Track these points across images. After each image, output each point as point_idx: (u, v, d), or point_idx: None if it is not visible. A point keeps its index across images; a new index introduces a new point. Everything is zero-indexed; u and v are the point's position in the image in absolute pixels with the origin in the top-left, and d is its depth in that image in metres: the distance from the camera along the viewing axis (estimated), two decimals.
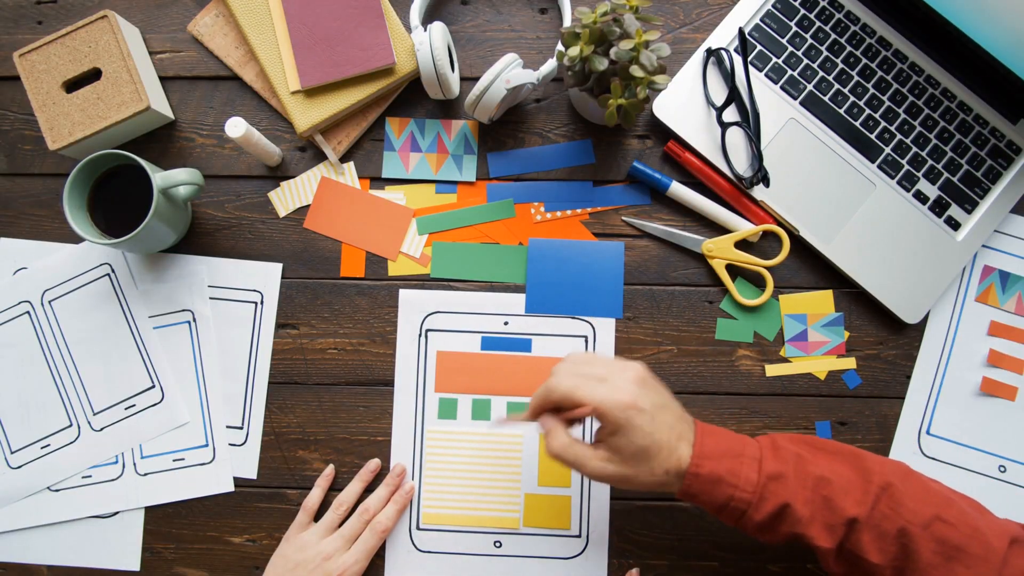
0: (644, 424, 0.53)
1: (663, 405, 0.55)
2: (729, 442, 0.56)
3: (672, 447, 0.54)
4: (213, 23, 0.75)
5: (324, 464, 0.72)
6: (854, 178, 0.72)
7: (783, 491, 0.54)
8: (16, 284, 0.74)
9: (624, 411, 0.53)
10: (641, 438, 0.53)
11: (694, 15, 0.76)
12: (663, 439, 0.54)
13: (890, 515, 0.53)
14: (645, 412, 0.53)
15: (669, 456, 0.54)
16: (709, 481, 0.54)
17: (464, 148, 0.75)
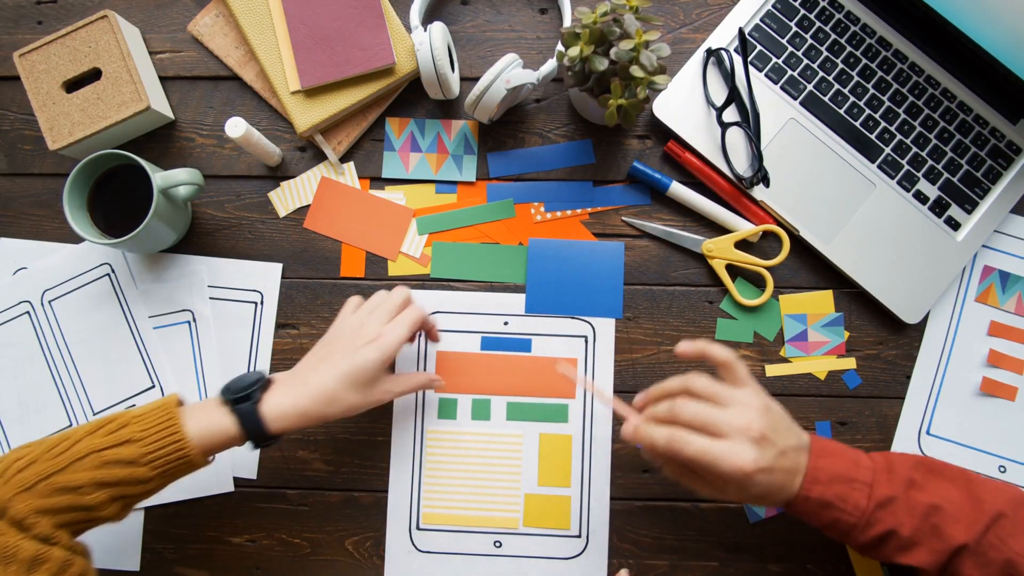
0: (761, 482, 0.53)
1: (782, 451, 0.54)
2: (843, 465, 0.55)
3: (786, 482, 0.54)
4: (213, 23, 0.75)
5: (324, 464, 0.72)
6: (854, 178, 0.72)
7: (890, 518, 0.54)
8: (16, 284, 0.74)
9: (744, 479, 0.52)
10: (758, 492, 0.54)
11: (694, 15, 0.76)
12: (777, 484, 0.54)
13: (998, 545, 0.53)
14: (763, 471, 0.53)
15: (782, 489, 0.54)
16: (817, 504, 0.54)
17: (464, 148, 0.75)
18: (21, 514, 0.51)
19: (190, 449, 0.55)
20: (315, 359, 0.61)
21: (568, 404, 0.72)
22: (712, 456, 0.52)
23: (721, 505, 0.71)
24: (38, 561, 0.50)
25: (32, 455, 0.53)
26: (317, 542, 0.71)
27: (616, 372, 0.72)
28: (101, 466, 0.53)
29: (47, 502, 0.52)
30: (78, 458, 0.53)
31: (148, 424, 0.55)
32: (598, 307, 0.73)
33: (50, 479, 0.52)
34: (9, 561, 0.49)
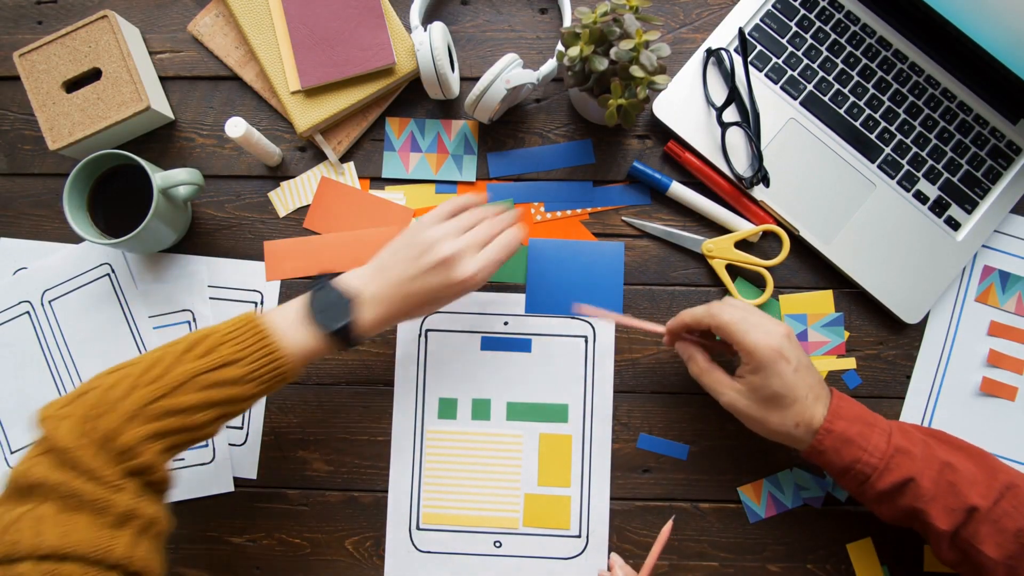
0: (785, 372, 0.58)
1: (807, 365, 0.60)
2: (862, 411, 0.59)
3: (806, 403, 0.58)
4: (213, 23, 0.75)
5: (324, 464, 0.72)
6: (854, 178, 0.72)
7: (910, 465, 0.56)
8: (16, 284, 0.74)
9: (771, 354, 0.58)
10: (779, 384, 0.58)
11: (694, 15, 0.76)
12: (799, 392, 0.58)
13: (1012, 513, 0.55)
14: (789, 362, 0.58)
15: (803, 411, 0.58)
16: (840, 439, 0.57)
17: (464, 148, 0.75)
18: (132, 440, 0.51)
19: (289, 367, 0.58)
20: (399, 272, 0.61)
21: (568, 404, 0.72)
22: (746, 325, 0.59)
23: (721, 505, 0.71)
24: (129, 516, 0.50)
25: (130, 380, 0.53)
26: (317, 542, 0.71)
27: (616, 372, 0.72)
28: (206, 388, 0.54)
29: (157, 426, 0.52)
30: (182, 382, 0.54)
31: (243, 345, 0.56)
32: (598, 307, 0.72)
33: (157, 403, 0.52)
34: (102, 512, 0.49)
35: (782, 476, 0.71)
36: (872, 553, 0.70)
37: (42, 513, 0.48)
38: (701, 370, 0.63)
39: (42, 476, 0.49)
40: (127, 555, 0.49)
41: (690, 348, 0.65)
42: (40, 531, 0.47)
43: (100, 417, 0.51)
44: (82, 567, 0.47)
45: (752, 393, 0.59)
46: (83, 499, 0.48)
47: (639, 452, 0.71)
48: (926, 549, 0.70)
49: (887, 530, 0.70)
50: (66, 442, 0.49)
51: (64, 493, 0.48)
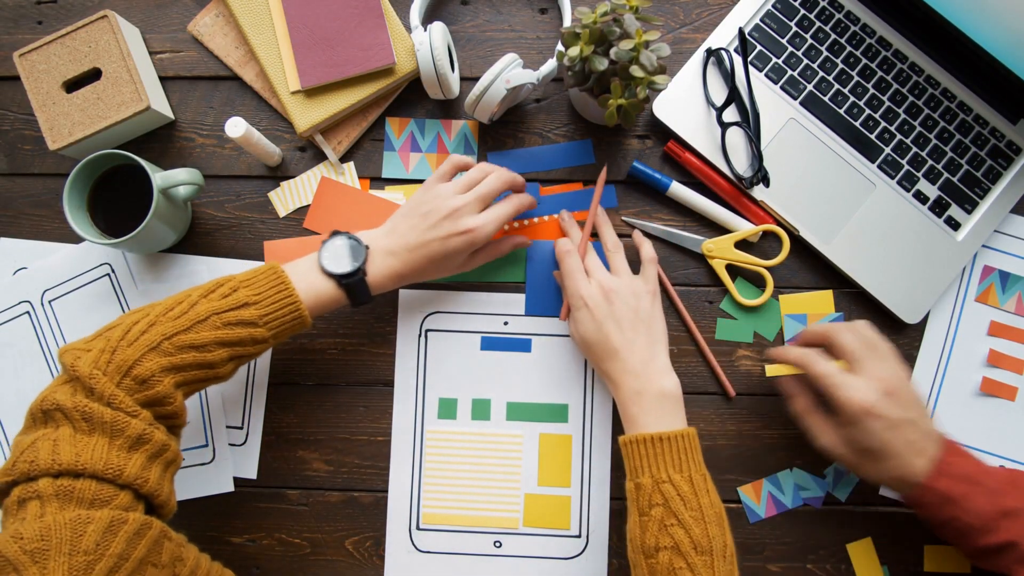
0: (876, 430, 0.57)
1: (908, 421, 0.58)
2: (973, 467, 0.58)
3: (904, 459, 0.57)
4: (213, 23, 0.75)
5: (324, 464, 0.72)
6: (854, 178, 0.72)
7: (1015, 529, 0.55)
8: (16, 284, 0.74)
9: (860, 413, 0.57)
10: (870, 441, 0.58)
11: (694, 15, 0.76)
12: (895, 449, 0.57)
13: None
14: (882, 420, 0.57)
15: (899, 466, 0.57)
16: (941, 497, 0.56)
17: (464, 148, 0.75)
18: (148, 372, 0.53)
19: (304, 311, 0.60)
20: (407, 228, 0.65)
21: (568, 404, 0.72)
22: (835, 380, 0.59)
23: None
24: (142, 440, 0.52)
25: (150, 318, 0.55)
26: (317, 542, 0.71)
27: None
28: (223, 327, 0.57)
29: (173, 359, 0.54)
30: (200, 320, 0.56)
31: (261, 288, 0.59)
32: None
33: (174, 338, 0.55)
34: (116, 435, 0.51)
35: (782, 476, 0.71)
36: (872, 553, 0.70)
37: (59, 435, 0.50)
38: (800, 412, 0.64)
39: (59, 401, 0.51)
40: (138, 476, 0.51)
41: (793, 387, 0.66)
42: (56, 451, 0.49)
43: (118, 349, 0.53)
44: (96, 484, 0.49)
45: (846, 444, 0.60)
46: (98, 422, 0.50)
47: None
48: (926, 549, 0.70)
49: (887, 530, 0.70)
50: (84, 371, 0.52)
51: (80, 417, 0.50)
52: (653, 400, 0.61)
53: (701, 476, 0.59)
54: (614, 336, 0.63)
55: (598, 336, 0.64)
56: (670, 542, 0.55)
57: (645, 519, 0.57)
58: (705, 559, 0.55)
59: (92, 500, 0.48)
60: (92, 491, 0.48)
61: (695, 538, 0.55)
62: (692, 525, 0.56)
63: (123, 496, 0.50)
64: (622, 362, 0.63)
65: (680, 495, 0.57)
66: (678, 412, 0.62)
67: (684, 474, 0.58)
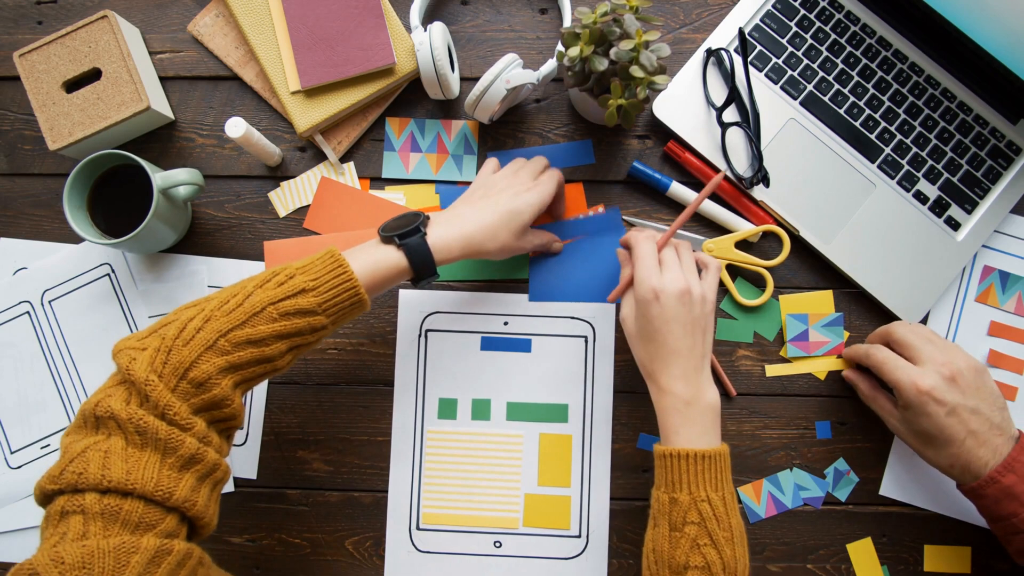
0: (935, 414, 0.58)
1: (971, 409, 0.58)
2: None
3: (964, 447, 0.58)
4: (213, 23, 0.75)
5: (324, 464, 0.72)
6: (854, 178, 0.72)
7: None
8: (16, 284, 0.74)
9: (917, 395, 0.58)
10: (928, 425, 0.59)
11: (694, 15, 0.76)
12: (955, 435, 0.58)
13: None
14: (942, 406, 0.58)
15: (958, 454, 0.58)
16: (1004, 492, 0.57)
17: (464, 148, 0.75)
18: (205, 375, 0.51)
19: (362, 292, 0.57)
20: (472, 200, 0.65)
21: (568, 404, 0.72)
22: (891, 364, 0.61)
23: None
24: (195, 460, 0.50)
25: (205, 312, 0.53)
26: (317, 542, 0.71)
27: (616, 372, 0.72)
28: (280, 318, 0.54)
29: (231, 358, 0.52)
30: (255, 312, 0.53)
31: (318, 272, 0.56)
32: (602, 292, 0.72)
33: (230, 334, 0.52)
34: (169, 453, 0.49)
35: (782, 476, 0.71)
36: (872, 553, 0.70)
37: (110, 446, 0.48)
38: (866, 397, 0.67)
39: (114, 409, 0.49)
40: (187, 499, 0.49)
41: (852, 377, 0.69)
42: (107, 464, 0.47)
43: (174, 350, 0.50)
44: (144, 505, 0.47)
45: (906, 426, 0.61)
46: (151, 437, 0.48)
47: (639, 452, 0.71)
48: (926, 549, 0.70)
49: (887, 530, 0.70)
50: (139, 375, 0.49)
51: (133, 429, 0.48)
52: (700, 413, 0.59)
53: (731, 495, 0.58)
54: (678, 338, 0.59)
55: (660, 334, 0.60)
56: (701, 562, 0.55)
57: (677, 535, 0.56)
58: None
59: (138, 523, 0.47)
60: (139, 513, 0.47)
61: (725, 559, 0.55)
62: (724, 546, 0.55)
63: (169, 520, 0.48)
64: (677, 367, 0.60)
65: (716, 515, 0.56)
66: (717, 427, 0.60)
67: (719, 493, 0.57)
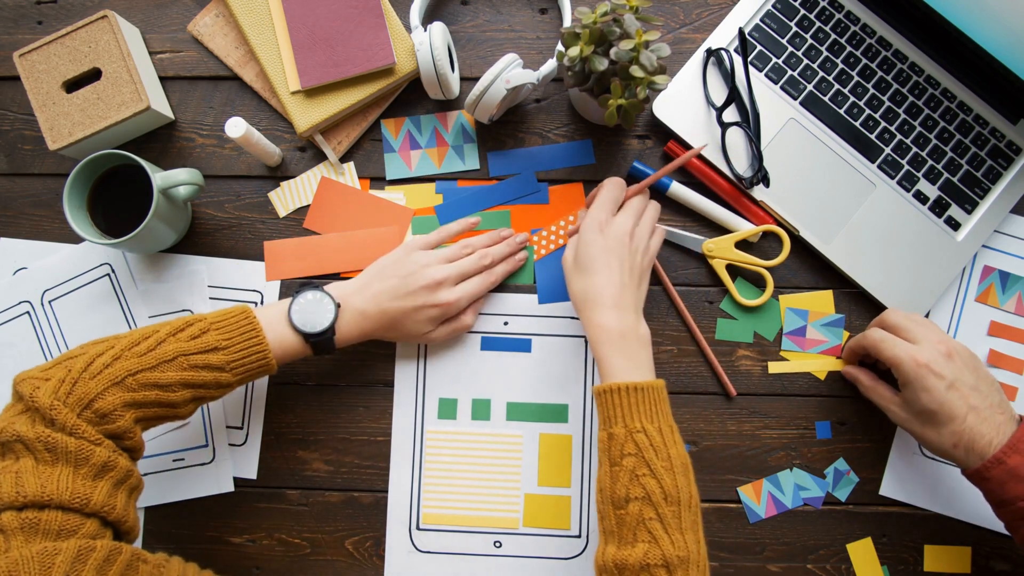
0: (935, 388, 0.57)
1: (971, 385, 0.58)
2: None
3: (966, 423, 0.57)
4: (213, 23, 0.75)
5: (324, 464, 0.72)
6: (854, 178, 0.72)
7: None
8: (16, 284, 0.74)
9: (915, 368, 0.58)
10: (928, 400, 0.58)
11: (694, 15, 0.76)
12: (955, 411, 0.57)
13: None
14: (941, 379, 0.57)
15: (960, 431, 0.57)
16: (1009, 473, 0.55)
17: (463, 138, 0.75)
18: (109, 407, 0.52)
19: (272, 361, 0.60)
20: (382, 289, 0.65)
21: (568, 404, 0.72)
22: (888, 343, 0.60)
23: (721, 505, 0.71)
24: (107, 467, 0.52)
25: (115, 351, 0.55)
26: (317, 542, 0.71)
27: None
28: (189, 368, 0.56)
29: (135, 396, 0.54)
30: (166, 360, 0.55)
31: (232, 333, 0.58)
32: None
33: (139, 375, 0.54)
34: (81, 464, 0.50)
35: (782, 476, 0.71)
36: (872, 553, 0.70)
37: (21, 467, 0.49)
38: (866, 389, 0.66)
39: (20, 432, 0.50)
40: (105, 503, 0.50)
41: (852, 372, 0.68)
42: (19, 483, 0.48)
43: (80, 381, 0.52)
44: (63, 514, 0.48)
45: (906, 406, 0.60)
46: (61, 451, 0.50)
47: None
48: (926, 549, 0.70)
49: (887, 530, 0.70)
50: (44, 401, 0.51)
51: (42, 447, 0.50)
52: (631, 345, 0.60)
53: (669, 427, 0.58)
54: (613, 271, 0.61)
55: (597, 263, 0.61)
56: (641, 492, 0.55)
57: (616, 469, 0.56)
58: (673, 509, 0.55)
59: (59, 531, 0.48)
60: (58, 522, 0.48)
61: (666, 488, 0.55)
62: (663, 475, 0.55)
63: (90, 524, 0.49)
64: (610, 300, 0.60)
65: (652, 445, 0.56)
66: (651, 361, 0.61)
67: (654, 424, 0.57)
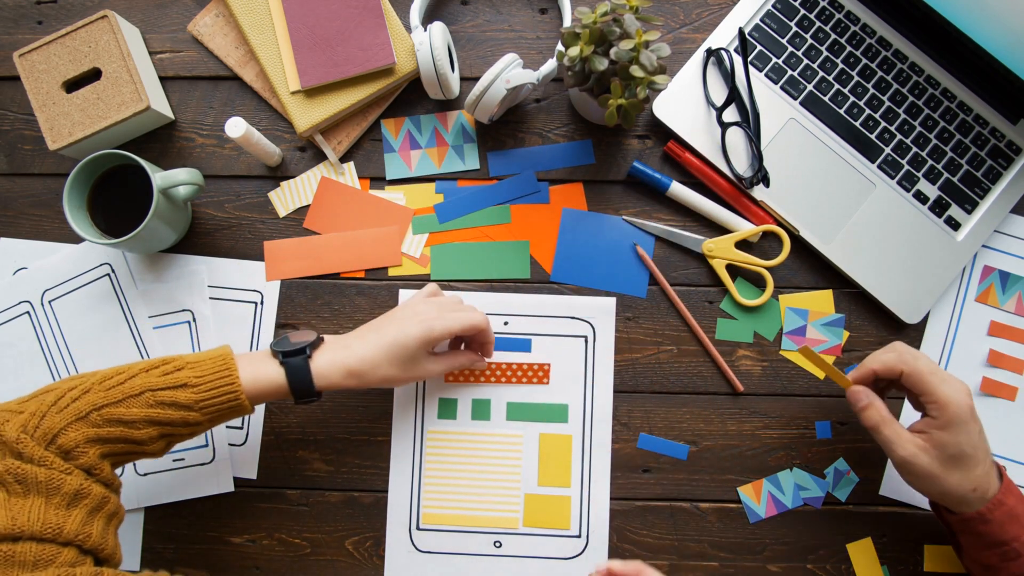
0: (974, 434, 0.57)
1: (984, 433, 0.58)
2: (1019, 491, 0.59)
3: (987, 468, 0.57)
4: (213, 23, 0.75)
5: (324, 464, 0.72)
6: (854, 178, 0.72)
7: None
8: (16, 284, 0.74)
9: (965, 411, 0.56)
10: (968, 444, 0.57)
11: (694, 15, 0.76)
12: (982, 456, 0.57)
13: None
14: (978, 424, 0.57)
15: (983, 476, 0.57)
16: (1008, 514, 0.56)
17: (463, 138, 0.75)
18: (71, 443, 0.52)
19: (243, 398, 0.57)
20: (368, 328, 0.64)
21: (568, 404, 0.72)
22: (940, 378, 0.57)
23: (721, 505, 0.71)
24: (80, 495, 0.51)
25: (85, 385, 0.54)
26: (317, 542, 0.71)
27: (616, 372, 0.72)
28: (155, 405, 0.55)
29: (99, 431, 0.53)
30: (133, 395, 0.54)
31: (205, 371, 0.57)
32: (624, 283, 0.72)
33: (103, 410, 0.53)
34: (52, 493, 0.50)
35: (782, 476, 0.71)
36: (872, 553, 0.70)
37: None
38: (881, 421, 0.60)
39: None
40: (79, 531, 0.50)
41: (871, 395, 0.61)
42: None
43: (48, 415, 0.52)
44: (37, 545, 0.48)
45: (936, 450, 0.57)
46: (32, 483, 0.49)
47: (639, 452, 0.71)
48: (926, 549, 0.70)
49: (887, 530, 0.70)
50: (10, 435, 0.50)
51: (12, 479, 0.49)
52: None
53: None
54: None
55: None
56: None
57: None
58: None
59: (35, 562, 0.47)
60: (33, 552, 0.47)
61: None
62: None
63: (67, 552, 0.49)
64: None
65: None
66: None
67: None
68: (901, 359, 0.59)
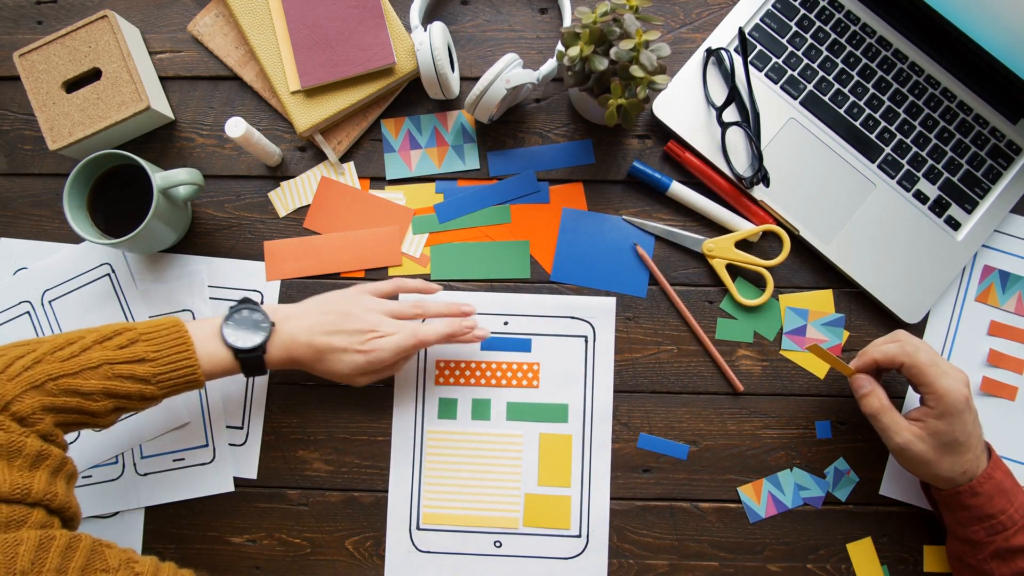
0: (969, 421, 0.60)
1: (978, 419, 0.61)
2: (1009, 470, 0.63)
3: (976, 452, 0.61)
4: (213, 23, 0.75)
5: (324, 464, 0.72)
6: (854, 178, 0.72)
7: None
8: (16, 284, 0.74)
9: (961, 402, 0.59)
10: (962, 431, 0.60)
11: (694, 15, 0.76)
12: (975, 442, 0.60)
13: None
14: (973, 412, 0.60)
15: (973, 460, 0.60)
16: (997, 488, 0.60)
17: (463, 138, 0.75)
18: (27, 410, 0.51)
19: (199, 374, 0.58)
20: (320, 322, 0.63)
21: (568, 404, 0.72)
22: (940, 369, 0.60)
23: (721, 505, 0.71)
24: (41, 457, 0.51)
25: (36, 354, 0.54)
26: (317, 542, 0.71)
27: (616, 372, 0.72)
28: (113, 378, 0.55)
29: (55, 401, 0.53)
30: (91, 367, 0.54)
31: (162, 345, 0.57)
32: (624, 282, 0.72)
33: (59, 380, 0.53)
34: (14, 455, 0.50)
35: (782, 476, 0.71)
36: (872, 553, 0.70)
37: None
38: (881, 408, 0.63)
39: None
40: (47, 491, 0.50)
41: (873, 383, 0.64)
42: None
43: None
44: (7, 507, 0.48)
45: (931, 438, 0.60)
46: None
47: (639, 452, 0.71)
48: (926, 549, 0.70)
49: (887, 530, 0.70)
50: None
51: None
52: None
53: None
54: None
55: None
56: None
57: None
58: None
59: (7, 522, 0.47)
60: (4, 514, 0.47)
61: None
62: None
63: (36, 513, 0.49)
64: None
65: None
66: None
67: None
68: (902, 350, 0.62)
